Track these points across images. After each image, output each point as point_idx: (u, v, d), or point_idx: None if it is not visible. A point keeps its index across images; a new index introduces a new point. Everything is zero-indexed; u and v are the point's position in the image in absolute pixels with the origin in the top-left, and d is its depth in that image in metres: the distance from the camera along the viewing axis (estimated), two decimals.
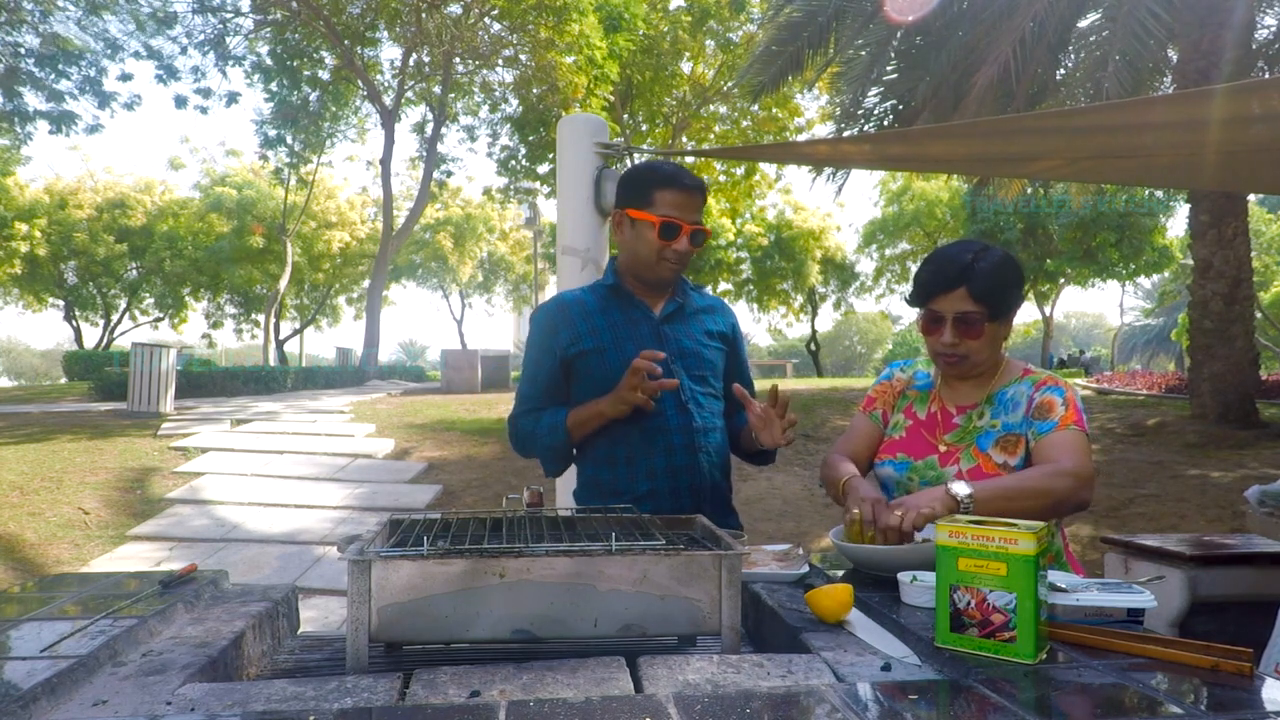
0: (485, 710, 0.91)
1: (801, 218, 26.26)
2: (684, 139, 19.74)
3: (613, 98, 17.09)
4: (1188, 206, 9.53)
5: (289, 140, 19.66)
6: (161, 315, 30.37)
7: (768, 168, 20.46)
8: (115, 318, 29.78)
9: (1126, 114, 2.73)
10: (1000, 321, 1.70)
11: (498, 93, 18.92)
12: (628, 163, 3.97)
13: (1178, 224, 23.20)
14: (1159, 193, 19.32)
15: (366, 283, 26.77)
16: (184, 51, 16.38)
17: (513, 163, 19.81)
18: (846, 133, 9.92)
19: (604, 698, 0.95)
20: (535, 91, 16.27)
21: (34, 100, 14.19)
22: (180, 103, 16.75)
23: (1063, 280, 24.95)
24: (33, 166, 49.47)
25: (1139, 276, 24.48)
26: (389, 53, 35.92)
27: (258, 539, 6.22)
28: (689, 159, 15.44)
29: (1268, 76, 8.36)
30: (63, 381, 21.26)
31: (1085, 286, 24.73)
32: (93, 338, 29.82)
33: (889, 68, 9.75)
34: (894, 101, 9.91)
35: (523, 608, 1.13)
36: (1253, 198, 17.43)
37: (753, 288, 26.92)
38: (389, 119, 19.37)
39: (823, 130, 18.93)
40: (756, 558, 1.63)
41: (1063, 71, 9.08)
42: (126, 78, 16.84)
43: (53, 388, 19.11)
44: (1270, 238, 27.96)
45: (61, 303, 28.45)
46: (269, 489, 7.49)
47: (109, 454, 8.53)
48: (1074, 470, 1.57)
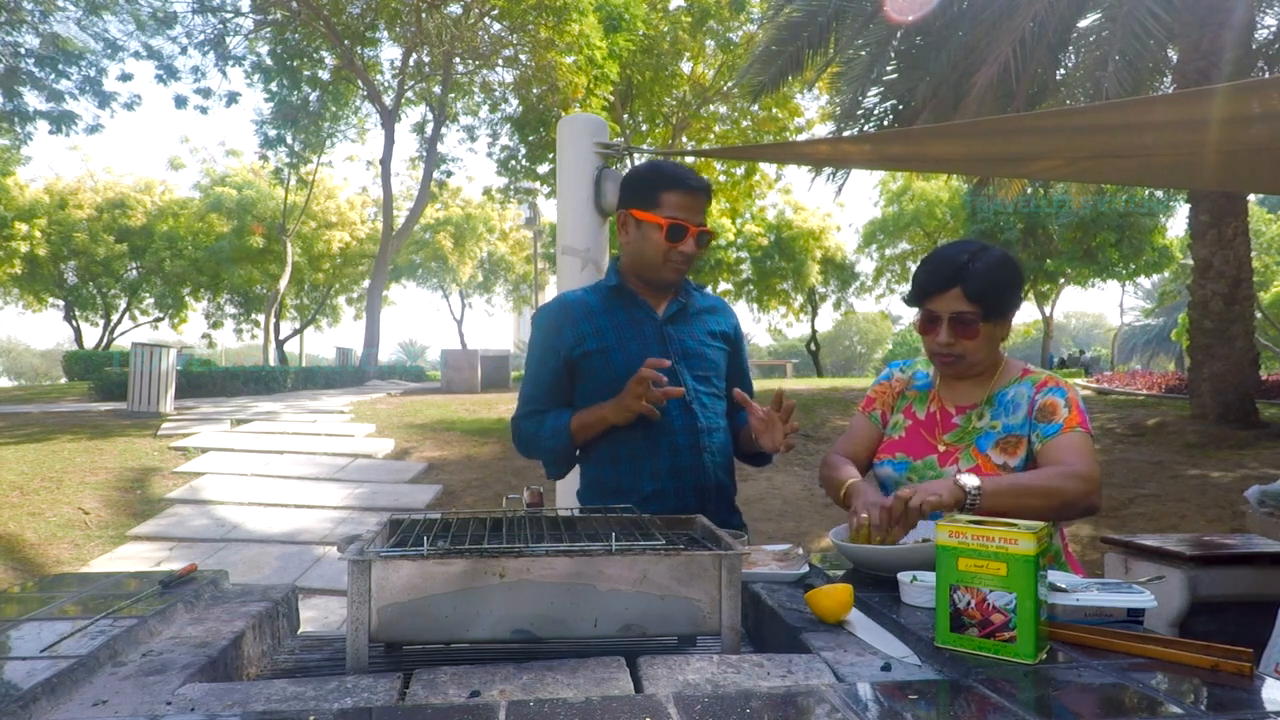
0: (485, 710, 0.91)
1: (801, 218, 26.27)
2: (684, 139, 19.73)
3: (613, 98, 17.09)
4: (1188, 206, 9.53)
5: (289, 140, 19.67)
6: (161, 315, 30.39)
7: (768, 168, 20.46)
8: (115, 318, 29.80)
9: (1126, 114, 2.73)
10: (996, 322, 1.70)
11: (498, 93, 18.93)
12: (628, 163, 3.97)
13: (1178, 224, 23.24)
14: (1159, 193, 19.32)
15: (366, 283, 26.77)
16: (184, 51, 16.41)
17: (513, 163, 19.81)
18: (846, 133, 9.91)
19: (604, 698, 0.95)
20: (535, 91, 16.27)
21: (34, 100, 14.22)
22: (180, 103, 16.77)
23: (1063, 280, 24.96)
24: (33, 166, 49.60)
25: (1139, 276, 24.49)
26: (389, 53, 35.97)
27: (258, 539, 6.22)
28: (689, 159, 15.44)
29: (1268, 76, 8.36)
30: (63, 381, 21.26)
31: (1085, 286, 24.73)
32: (93, 338, 29.89)
33: (889, 68, 9.75)
34: (894, 101, 9.91)
35: (523, 608, 1.13)
36: (1253, 198, 17.43)
37: (753, 288, 26.94)
38: (389, 119, 19.37)
39: (823, 130, 18.93)
40: (756, 558, 1.62)
41: (1063, 71, 9.08)
42: (126, 78, 16.88)
43: (53, 388, 19.10)
44: (1270, 238, 27.97)
45: (61, 303, 28.46)
46: (269, 489, 7.49)
47: (109, 454, 8.53)
48: (1086, 474, 1.56)
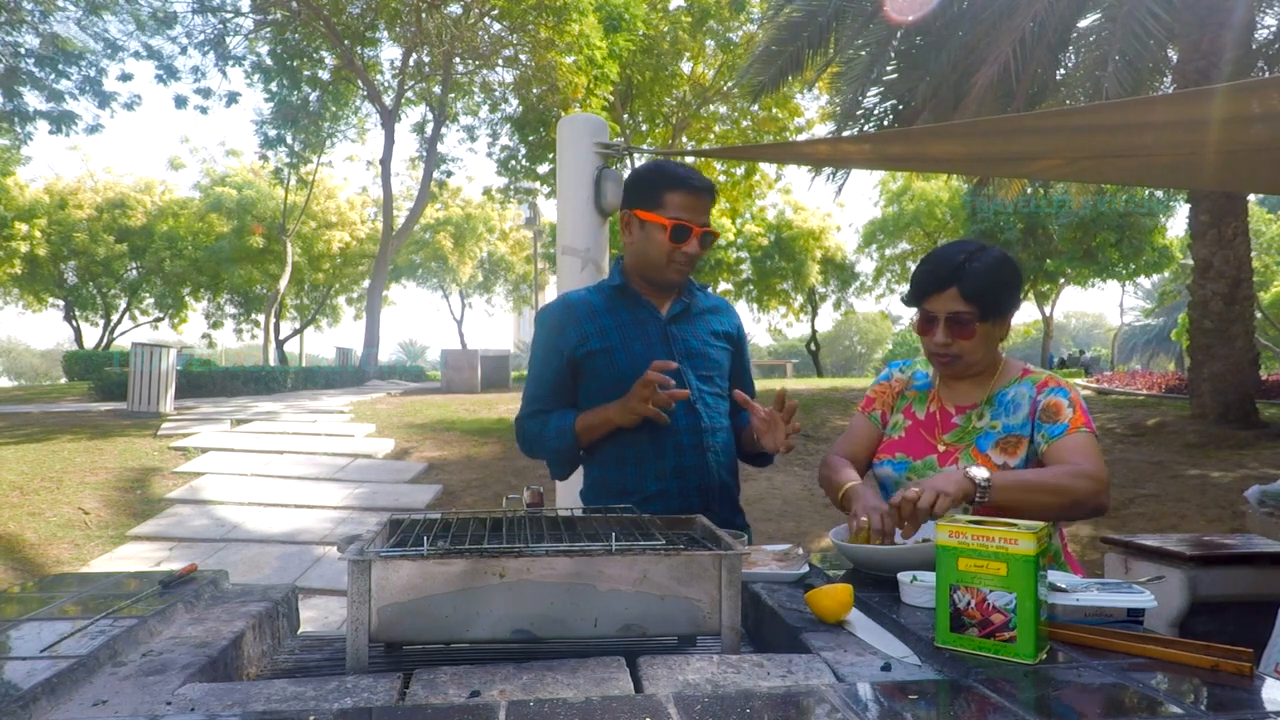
0: (485, 710, 0.91)
1: (801, 218, 26.27)
2: (684, 139, 19.73)
3: (613, 98, 17.09)
4: (1188, 206, 9.53)
5: (289, 140, 19.67)
6: (161, 315, 30.39)
7: (768, 168, 20.45)
8: (115, 318, 29.80)
9: (1126, 114, 2.73)
10: (994, 322, 1.69)
11: (498, 93, 18.93)
12: (627, 163, 3.97)
13: (1178, 224, 23.25)
14: (1159, 193, 19.31)
15: (366, 283, 26.77)
16: (184, 51, 16.41)
17: (513, 163, 19.81)
18: (846, 133, 9.91)
19: (604, 698, 0.95)
20: (535, 91, 16.27)
21: (34, 100, 14.22)
22: (180, 103, 16.77)
23: (1063, 280, 24.95)
24: (33, 166, 49.62)
25: (1139, 276, 24.48)
26: (389, 53, 36.01)
27: (258, 539, 6.22)
28: (689, 159, 15.44)
29: (1268, 76, 8.36)
30: (63, 381, 21.25)
31: (1085, 286, 24.72)
32: (93, 338, 29.88)
33: (889, 68, 9.75)
34: (894, 101, 9.91)
35: (523, 608, 1.13)
36: (1253, 198, 17.44)
37: (753, 288, 26.94)
38: (389, 119, 19.37)
39: (823, 130, 18.93)
40: (756, 558, 1.62)
41: (1063, 71, 9.08)
42: (126, 78, 16.87)
43: (53, 388, 19.10)
44: (1270, 238, 27.97)
45: (61, 303, 28.46)
46: (269, 489, 7.49)
47: (109, 454, 8.53)
48: (1095, 474, 1.57)
